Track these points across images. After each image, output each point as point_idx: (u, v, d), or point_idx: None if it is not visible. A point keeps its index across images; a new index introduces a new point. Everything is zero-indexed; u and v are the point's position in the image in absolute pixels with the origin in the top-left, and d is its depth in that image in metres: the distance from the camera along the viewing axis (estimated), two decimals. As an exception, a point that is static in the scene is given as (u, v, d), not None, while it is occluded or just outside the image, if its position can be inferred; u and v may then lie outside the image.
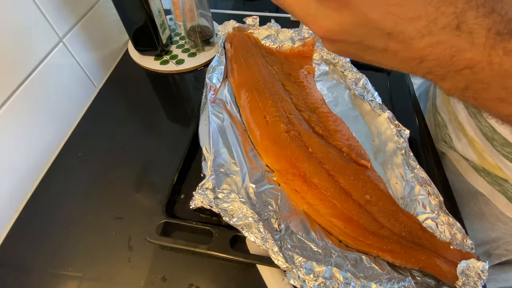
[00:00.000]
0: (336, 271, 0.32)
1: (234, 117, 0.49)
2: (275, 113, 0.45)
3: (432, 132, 0.50)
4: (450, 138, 0.44)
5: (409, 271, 0.35)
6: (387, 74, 0.60)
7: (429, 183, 0.40)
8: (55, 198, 0.44)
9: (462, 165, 0.44)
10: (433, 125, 0.50)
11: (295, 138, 0.42)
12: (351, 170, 0.39)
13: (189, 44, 0.65)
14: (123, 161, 0.48)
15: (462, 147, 0.42)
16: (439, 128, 0.47)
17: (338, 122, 0.46)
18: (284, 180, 0.41)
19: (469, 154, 0.40)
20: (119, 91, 0.59)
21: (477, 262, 0.32)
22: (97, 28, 0.58)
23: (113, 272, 0.37)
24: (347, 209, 0.37)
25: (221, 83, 0.52)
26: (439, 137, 0.47)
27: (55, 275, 0.37)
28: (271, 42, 0.60)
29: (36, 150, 0.46)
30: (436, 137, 0.48)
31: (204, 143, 0.42)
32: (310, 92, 0.51)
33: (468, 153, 0.41)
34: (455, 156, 0.44)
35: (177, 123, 0.54)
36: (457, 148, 0.43)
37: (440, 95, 0.49)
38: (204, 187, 0.38)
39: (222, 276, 0.37)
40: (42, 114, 0.47)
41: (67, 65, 0.51)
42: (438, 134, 0.48)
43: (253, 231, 0.34)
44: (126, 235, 0.40)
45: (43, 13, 0.45)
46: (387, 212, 0.37)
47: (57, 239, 0.40)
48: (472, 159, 0.40)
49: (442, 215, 0.37)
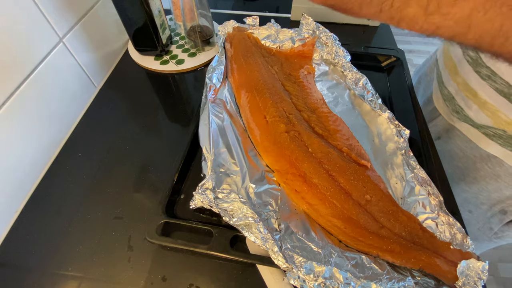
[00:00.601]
0: (336, 271, 0.32)
1: (234, 117, 0.49)
2: (275, 113, 0.45)
3: (441, 107, 0.53)
4: (461, 108, 0.47)
5: (409, 271, 0.35)
6: (387, 74, 0.60)
7: (429, 183, 0.40)
8: (55, 198, 0.44)
9: (473, 133, 0.46)
10: (441, 100, 0.53)
11: (295, 138, 0.42)
12: (351, 170, 0.39)
13: (189, 44, 0.65)
14: (123, 161, 0.48)
15: (474, 113, 0.45)
16: (448, 101, 0.50)
17: (338, 122, 0.46)
18: (284, 180, 0.41)
19: (482, 118, 0.43)
20: (119, 91, 0.59)
21: (477, 262, 0.32)
22: (97, 28, 0.58)
23: (113, 272, 0.37)
24: (347, 209, 0.37)
25: (221, 83, 0.52)
26: (450, 110, 0.50)
27: (55, 275, 0.37)
28: (271, 42, 0.60)
29: (36, 150, 0.46)
30: (447, 111, 0.51)
31: (204, 143, 0.42)
32: (310, 92, 0.51)
33: (481, 117, 0.44)
34: (465, 127, 0.47)
35: (177, 123, 0.54)
36: (469, 115, 0.46)
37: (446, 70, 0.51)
38: (204, 187, 0.38)
39: (222, 276, 0.37)
40: (42, 114, 0.47)
41: (67, 65, 0.51)
42: (449, 107, 0.50)
43: (253, 231, 0.34)
44: (126, 235, 0.40)
45: (43, 13, 0.45)
46: (387, 212, 0.37)
47: (57, 239, 0.40)
48: (485, 122, 0.43)
49: (442, 215, 0.37)
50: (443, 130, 0.53)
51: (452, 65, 0.49)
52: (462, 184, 0.50)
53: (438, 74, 0.55)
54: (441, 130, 0.54)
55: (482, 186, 0.47)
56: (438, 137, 0.54)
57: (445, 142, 0.52)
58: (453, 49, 0.50)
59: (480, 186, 0.48)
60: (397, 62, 0.60)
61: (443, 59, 0.53)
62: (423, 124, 0.51)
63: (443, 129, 0.53)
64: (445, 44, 0.54)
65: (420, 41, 2.03)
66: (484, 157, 0.46)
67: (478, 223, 0.51)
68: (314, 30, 0.59)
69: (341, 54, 0.56)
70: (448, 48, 0.52)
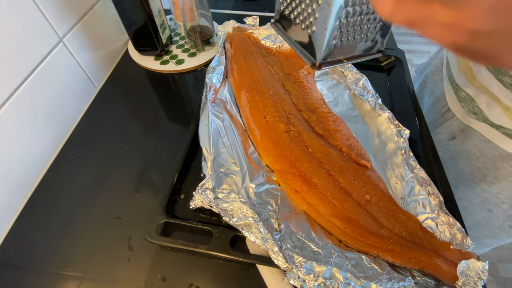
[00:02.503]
0: (336, 271, 0.32)
1: (234, 117, 0.49)
2: (275, 113, 0.45)
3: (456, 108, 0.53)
4: (480, 110, 0.47)
5: (409, 271, 0.35)
6: (387, 74, 0.60)
7: (429, 183, 0.40)
8: (55, 198, 0.44)
9: (492, 133, 0.46)
10: (455, 101, 0.52)
11: (295, 138, 0.42)
12: (351, 170, 0.39)
13: (189, 44, 0.65)
14: (123, 161, 0.48)
15: (496, 115, 0.45)
16: (465, 103, 0.50)
17: (338, 122, 0.46)
18: (284, 180, 0.41)
19: (504, 121, 0.44)
20: (119, 91, 0.59)
21: (477, 262, 0.32)
22: (97, 28, 0.58)
23: (113, 272, 0.37)
24: (347, 209, 0.37)
25: (221, 83, 0.52)
26: (466, 111, 0.50)
27: (55, 275, 0.37)
28: (271, 42, 0.60)
29: (36, 150, 0.46)
30: (463, 112, 0.51)
31: (204, 143, 0.42)
32: (310, 92, 0.51)
33: (504, 120, 0.44)
34: (483, 126, 0.47)
35: (177, 123, 0.54)
36: (489, 117, 0.45)
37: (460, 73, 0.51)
38: (204, 187, 0.38)
39: (222, 276, 0.37)
40: (42, 114, 0.47)
41: (67, 65, 0.51)
42: (465, 108, 0.50)
43: (253, 231, 0.34)
44: (126, 235, 0.40)
45: (43, 13, 0.45)
46: (387, 212, 0.37)
47: (57, 239, 0.40)
48: (507, 125, 0.43)
49: (442, 215, 0.37)
50: (458, 130, 0.52)
51: (468, 68, 0.49)
52: (482, 184, 0.50)
53: (449, 75, 0.54)
54: (456, 130, 0.53)
55: (504, 185, 0.47)
56: (453, 137, 0.53)
57: (461, 142, 0.51)
58: None
59: (501, 185, 0.47)
60: (397, 62, 0.60)
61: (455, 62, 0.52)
62: (423, 124, 0.51)
63: (458, 129, 0.52)
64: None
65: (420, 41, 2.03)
66: (504, 156, 0.45)
67: (498, 221, 0.51)
68: (314, 30, 0.59)
69: (341, 54, 0.56)
70: None
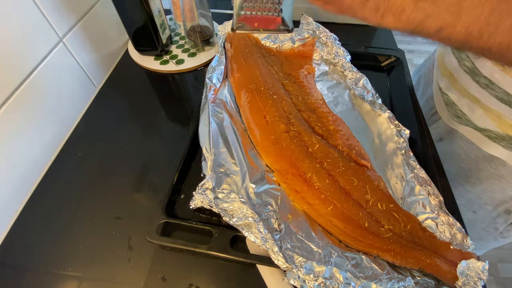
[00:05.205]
0: (336, 271, 0.32)
1: (234, 117, 0.49)
2: (275, 113, 0.45)
3: (442, 111, 0.53)
4: (463, 113, 0.47)
5: (409, 271, 0.35)
6: (387, 74, 0.60)
7: (429, 183, 0.40)
8: (55, 198, 0.44)
9: (475, 136, 0.47)
10: (442, 104, 0.53)
11: (295, 138, 0.42)
12: (351, 170, 0.39)
13: (189, 44, 0.65)
14: (123, 161, 0.48)
15: (479, 117, 0.45)
16: (449, 107, 0.50)
17: (338, 122, 0.46)
18: (284, 180, 0.41)
19: (487, 123, 0.44)
20: (119, 91, 0.59)
21: (477, 262, 0.32)
22: (97, 28, 0.58)
23: (113, 272, 0.37)
24: (347, 209, 0.37)
25: (221, 83, 0.52)
26: (451, 114, 0.50)
27: (55, 275, 0.37)
28: (271, 42, 0.60)
29: (36, 150, 0.46)
30: (448, 115, 0.51)
31: (204, 143, 0.42)
32: (310, 92, 0.51)
33: (486, 121, 0.44)
34: (467, 130, 0.48)
35: (177, 123, 0.54)
36: (472, 119, 0.46)
37: (444, 78, 0.51)
38: (204, 187, 0.38)
39: (222, 276, 0.37)
40: (42, 114, 0.47)
41: (67, 65, 0.51)
42: (450, 112, 0.51)
43: (253, 231, 0.34)
44: (126, 235, 0.40)
45: (43, 13, 0.45)
46: (387, 212, 0.37)
47: (57, 239, 0.40)
48: (490, 126, 0.44)
49: (442, 215, 0.37)
50: (445, 132, 0.53)
51: (449, 73, 0.50)
52: (466, 185, 0.50)
53: (436, 80, 0.55)
54: (443, 132, 0.54)
55: (486, 187, 0.48)
56: (441, 138, 0.54)
57: (447, 144, 0.52)
58: (448, 59, 0.50)
59: (483, 187, 0.48)
60: (397, 62, 0.60)
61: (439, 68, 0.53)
62: (423, 124, 0.51)
63: (445, 131, 0.53)
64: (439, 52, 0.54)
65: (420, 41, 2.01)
66: (487, 157, 0.46)
67: (482, 223, 0.52)
68: (314, 30, 0.59)
69: (341, 54, 0.56)
70: (443, 59, 0.52)
